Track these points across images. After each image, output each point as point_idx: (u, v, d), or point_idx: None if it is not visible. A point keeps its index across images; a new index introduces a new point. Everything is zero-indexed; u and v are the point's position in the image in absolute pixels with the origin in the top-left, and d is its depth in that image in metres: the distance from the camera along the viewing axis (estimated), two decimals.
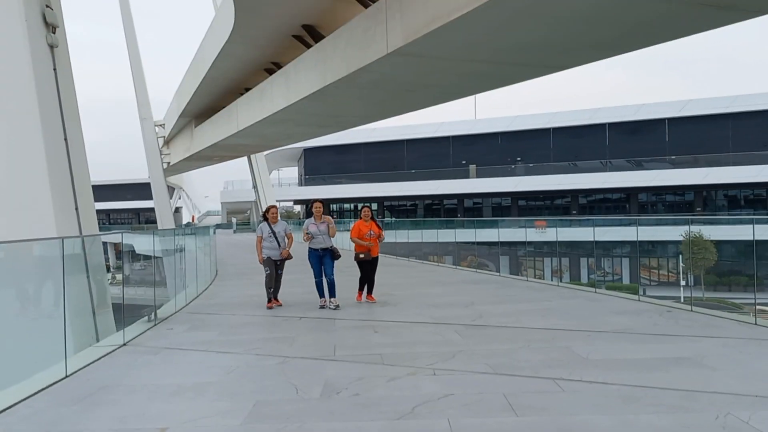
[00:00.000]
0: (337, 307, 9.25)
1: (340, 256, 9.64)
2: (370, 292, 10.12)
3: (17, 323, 7.63)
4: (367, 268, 10.01)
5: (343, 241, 24.76)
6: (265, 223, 9.95)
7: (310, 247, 9.57)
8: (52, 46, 10.28)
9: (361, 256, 9.87)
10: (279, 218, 10.10)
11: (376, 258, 10.11)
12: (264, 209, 10.21)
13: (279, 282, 9.99)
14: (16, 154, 9.74)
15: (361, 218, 10.15)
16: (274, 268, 9.81)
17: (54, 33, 10.37)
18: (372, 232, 9.93)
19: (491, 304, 9.64)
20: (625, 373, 5.35)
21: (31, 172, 9.64)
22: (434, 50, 10.42)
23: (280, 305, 9.80)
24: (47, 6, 10.28)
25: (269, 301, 9.74)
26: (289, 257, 9.99)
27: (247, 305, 10.28)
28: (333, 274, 9.52)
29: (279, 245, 9.84)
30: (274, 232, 9.83)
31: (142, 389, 5.36)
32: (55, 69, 10.28)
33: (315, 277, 9.65)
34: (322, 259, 9.53)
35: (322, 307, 9.36)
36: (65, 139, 10.17)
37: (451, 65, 11.51)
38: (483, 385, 5.10)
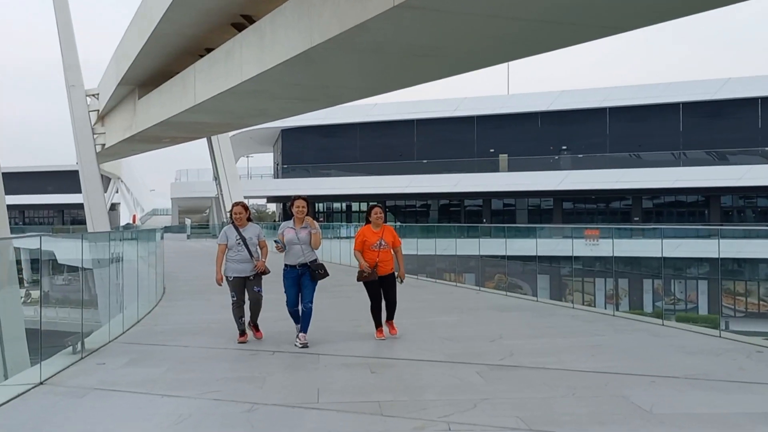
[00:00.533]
0: (304, 345, 8.88)
1: (325, 274, 9.19)
2: (389, 318, 9.76)
3: None
4: (376, 291, 9.60)
5: (332, 252, 24.78)
6: (231, 226, 9.55)
7: (285, 263, 9.16)
8: None
9: (364, 274, 9.43)
10: (250, 220, 9.69)
11: (391, 275, 9.68)
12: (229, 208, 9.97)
13: (259, 305, 9.59)
14: None
15: (369, 222, 9.74)
16: (243, 292, 9.45)
17: None
18: (383, 242, 9.50)
19: (525, 338, 9.64)
20: (700, 431, 5.35)
21: None
22: (456, 3, 10.42)
23: (261, 338, 9.63)
24: None
25: (241, 334, 9.47)
26: (266, 271, 9.51)
27: (203, 333, 10.28)
28: (312, 301, 9.11)
29: (251, 256, 9.36)
30: (243, 239, 9.35)
31: None
32: None
33: (288, 306, 9.27)
34: (301, 279, 9.11)
35: (304, 344, 8.94)
36: None
37: (478, 24, 11.47)
38: None
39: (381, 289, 9.60)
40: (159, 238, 19.71)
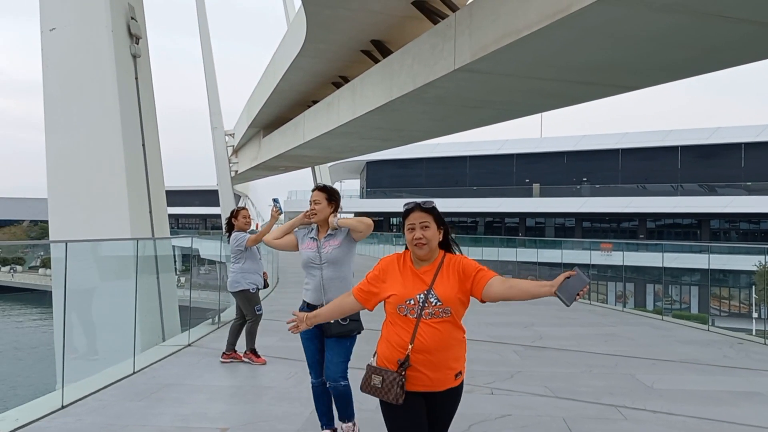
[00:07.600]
0: None
1: (355, 328, 4.02)
2: None
3: (93, 318, 8.01)
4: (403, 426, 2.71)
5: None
6: (241, 231, 6.77)
7: (303, 299, 4.25)
8: (135, 56, 10.83)
9: (374, 382, 2.71)
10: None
11: (447, 395, 2.94)
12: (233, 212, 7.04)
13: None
14: (98, 157, 10.28)
15: (406, 249, 2.96)
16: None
17: (137, 44, 10.92)
18: (433, 297, 2.78)
19: (552, 326, 9.45)
20: (692, 405, 5.14)
21: (111, 174, 10.15)
22: (501, 67, 10.37)
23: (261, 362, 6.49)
24: (132, 18, 10.85)
25: (231, 351, 6.53)
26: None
27: None
28: (345, 376, 4.00)
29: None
30: (257, 247, 6.83)
31: (204, 390, 5.53)
32: (136, 78, 10.81)
33: (311, 374, 4.27)
34: (323, 335, 4.06)
35: None
36: (143, 145, 10.66)
37: (518, 83, 11.42)
38: (542, 408, 5.01)
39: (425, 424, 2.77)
40: None
